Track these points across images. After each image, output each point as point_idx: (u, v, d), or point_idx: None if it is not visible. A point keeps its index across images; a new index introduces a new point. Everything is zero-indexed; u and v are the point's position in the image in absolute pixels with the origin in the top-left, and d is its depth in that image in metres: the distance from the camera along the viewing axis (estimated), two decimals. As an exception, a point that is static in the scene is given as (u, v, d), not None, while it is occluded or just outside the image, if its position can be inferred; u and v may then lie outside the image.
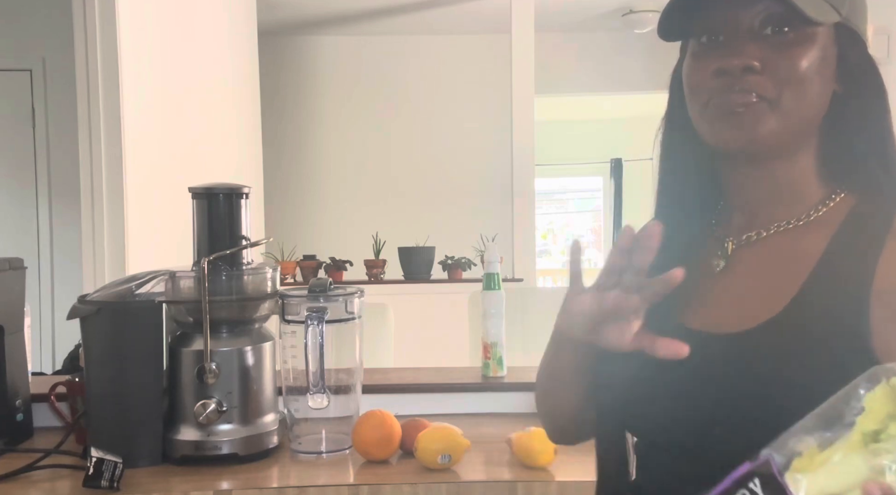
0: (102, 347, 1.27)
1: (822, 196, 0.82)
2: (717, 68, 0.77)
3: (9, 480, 1.20)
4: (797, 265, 0.78)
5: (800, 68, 0.76)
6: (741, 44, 0.77)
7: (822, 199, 0.82)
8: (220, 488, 1.18)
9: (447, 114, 5.66)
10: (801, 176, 0.82)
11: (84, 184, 2.37)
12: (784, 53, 0.76)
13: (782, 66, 0.76)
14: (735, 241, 0.84)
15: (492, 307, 1.61)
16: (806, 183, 0.82)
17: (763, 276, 0.81)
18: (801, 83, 0.77)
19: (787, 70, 0.76)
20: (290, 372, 1.33)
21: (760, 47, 0.76)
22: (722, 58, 0.77)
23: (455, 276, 4.21)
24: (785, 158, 0.80)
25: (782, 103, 0.76)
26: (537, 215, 5.01)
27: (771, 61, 0.76)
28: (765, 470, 0.58)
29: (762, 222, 0.83)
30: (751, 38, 0.77)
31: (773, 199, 0.83)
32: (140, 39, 2.57)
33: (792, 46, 0.76)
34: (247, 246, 1.34)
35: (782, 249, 0.81)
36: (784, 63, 0.76)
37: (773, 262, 0.81)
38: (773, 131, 0.77)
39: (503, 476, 1.20)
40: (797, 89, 0.77)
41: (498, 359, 1.61)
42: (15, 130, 4.02)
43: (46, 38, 3.89)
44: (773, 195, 0.82)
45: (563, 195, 8.96)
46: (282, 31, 5.47)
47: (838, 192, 0.82)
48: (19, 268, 1.46)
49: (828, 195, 0.82)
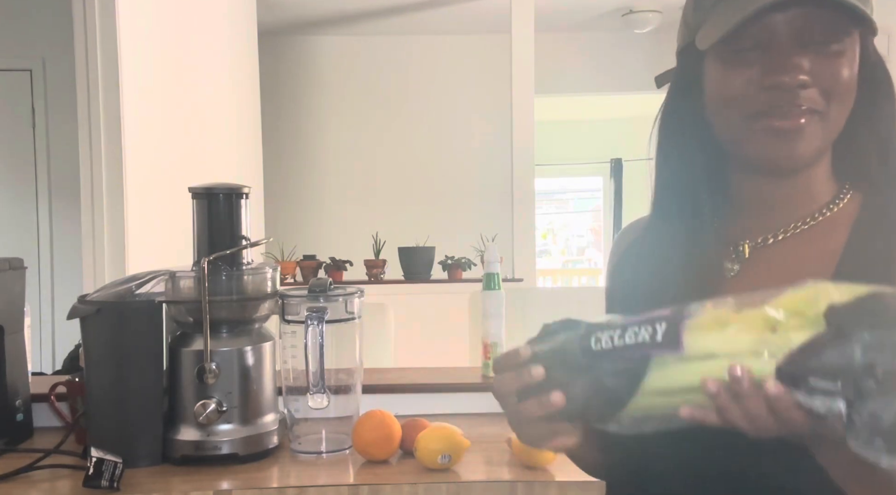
0: (102, 347, 1.27)
1: (832, 195, 0.81)
2: (769, 84, 0.74)
3: (9, 480, 1.20)
4: (819, 264, 0.77)
5: (845, 79, 0.75)
6: (789, 56, 0.74)
7: (832, 198, 0.81)
8: (220, 488, 1.18)
9: (447, 114, 5.66)
10: (818, 177, 0.81)
11: (84, 184, 2.37)
12: (831, 64, 0.74)
13: (831, 77, 0.74)
14: (751, 244, 0.81)
15: (492, 307, 1.61)
16: (820, 183, 0.81)
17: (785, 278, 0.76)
18: (847, 93, 0.76)
19: (836, 82, 0.74)
20: (290, 372, 1.33)
21: (808, 58, 0.73)
22: (771, 72, 0.74)
23: (455, 276, 4.21)
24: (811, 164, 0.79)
25: (830, 115, 0.75)
26: (537, 215, 5.00)
27: (819, 73, 0.74)
28: (674, 319, 0.64)
29: (777, 224, 0.81)
30: (797, 48, 0.74)
31: (789, 202, 0.81)
32: (140, 39, 2.57)
33: (837, 56, 0.74)
34: (247, 246, 1.34)
35: (800, 250, 0.80)
36: (832, 74, 0.74)
37: (794, 263, 0.79)
38: (821, 146, 0.76)
39: (503, 476, 1.20)
40: (844, 100, 0.76)
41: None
42: (15, 130, 4.02)
43: (46, 38, 3.89)
44: (790, 198, 0.81)
45: (563, 195, 8.97)
46: (282, 31, 5.47)
47: (847, 191, 0.81)
48: (19, 268, 1.46)
49: (837, 193, 0.81)
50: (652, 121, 0.89)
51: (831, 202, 0.81)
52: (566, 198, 9.04)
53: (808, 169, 0.79)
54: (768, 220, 0.82)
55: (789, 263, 0.80)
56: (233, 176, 3.58)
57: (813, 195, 0.81)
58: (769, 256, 0.81)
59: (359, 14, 5.26)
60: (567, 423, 0.73)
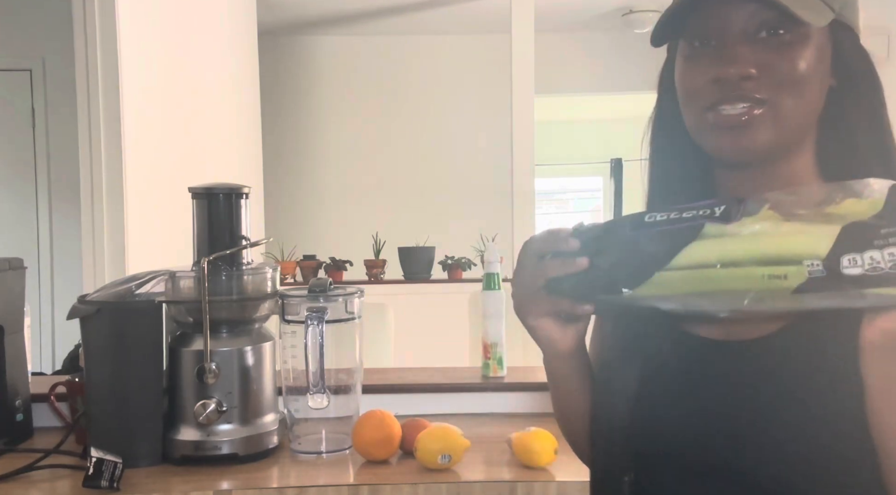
0: (102, 347, 1.27)
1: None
2: (713, 77, 0.75)
3: (9, 480, 1.20)
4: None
5: (798, 70, 0.75)
6: (736, 48, 0.75)
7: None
8: (220, 488, 1.18)
9: (447, 114, 5.66)
10: (801, 173, 0.80)
11: (84, 184, 2.37)
12: (781, 56, 0.74)
13: (779, 69, 0.74)
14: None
15: (492, 307, 1.61)
16: (801, 178, 0.80)
17: None
18: (800, 84, 0.75)
19: (785, 73, 0.74)
20: (290, 372, 1.33)
21: (756, 51, 0.74)
22: (718, 64, 0.75)
23: (455, 276, 4.21)
24: (781, 157, 0.79)
25: (781, 107, 0.75)
26: (537, 215, 5.00)
27: (768, 65, 0.74)
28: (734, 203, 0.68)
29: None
30: (745, 41, 0.75)
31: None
32: (140, 39, 2.57)
33: (788, 48, 0.74)
34: (247, 246, 1.34)
35: None
36: (781, 66, 0.74)
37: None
38: (773, 138, 0.76)
39: (503, 476, 1.20)
40: (796, 91, 0.75)
41: (498, 358, 1.61)
42: (15, 130, 4.02)
43: (46, 38, 3.89)
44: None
45: (563, 195, 8.96)
46: (282, 31, 5.47)
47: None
48: (19, 268, 1.46)
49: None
50: (648, 119, 0.90)
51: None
52: (566, 198, 9.03)
53: (784, 163, 0.79)
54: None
55: None
56: (233, 176, 3.57)
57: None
58: None
59: (359, 14, 5.26)
60: (571, 304, 0.77)
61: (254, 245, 1.35)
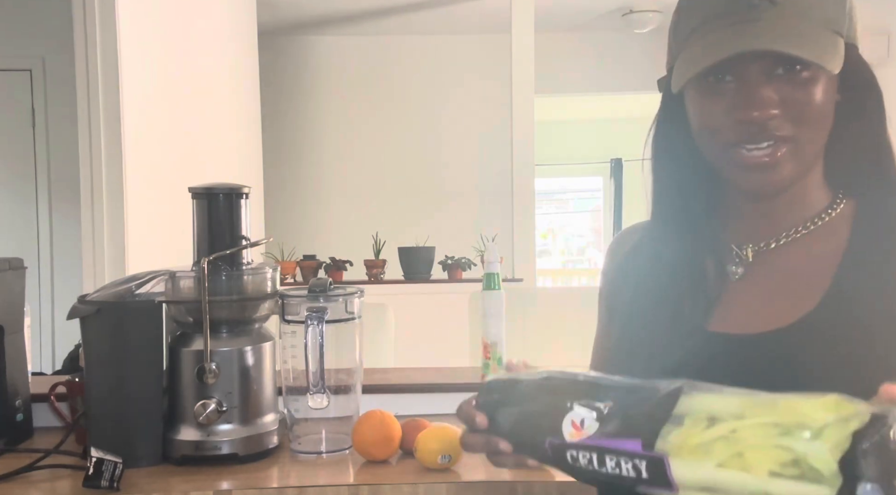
0: (102, 347, 1.27)
1: (828, 201, 0.84)
2: (737, 119, 0.77)
3: (9, 480, 1.20)
4: (821, 264, 0.80)
5: (817, 105, 0.77)
6: (758, 91, 0.76)
7: (829, 205, 0.84)
8: (220, 488, 1.18)
9: (447, 114, 5.66)
10: (812, 185, 0.84)
11: (84, 184, 2.37)
12: (801, 93, 0.76)
13: (801, 106, 0.76)
14: (754, 249, 0.84)
15: (492, 307, 1.61)
16: (816, 190, 0.84)
17: (788, 278, 0.82)
18: (820, 118, 0.78)
19: (806, 109, 0.76)
20: (290, 372, 1.33)
21: (776, 90, 0.76)
22: (740, 106, 0.76)
23: (455, 276, 4.21)
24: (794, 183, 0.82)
25: (803, 141, 0.77)
26: (537, 215, 5.00)
27: (789, 104, 0.76)
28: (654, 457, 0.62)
29: (778, 229, 0.84)
30: (765, 81, 0.76)
31: (786, 210, 0.84)
32: (140, 39, 2.57)
33: (806, 84, 0.76)
34: (247, 246, 1.34)
35: (801, 253, 0.83)
36: (802, 103, 0.76)
37: (796, 265, 0.82)
38: (797, 170, 0.79)
39: (503, 476, 1.20)
40: (817, 124, 0.78)
41: (498, 358, 1.61)
42: (15, 130, 4.02)
43: (46, 38, 3.89)
44: (785, 206, 0.84)
45: (563, 195, 8.96)
46: (282, 31, 5.47)
47: (842, 198, 0.84)
48: (19, 268, 1.46)
49: (833, 200, 0.84)
50: (652, 121, 0.91)
51: (829, 207, 0.84)
52: (566, 198, 9.04)
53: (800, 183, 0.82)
54: (768, 226, 0.85)
55: (791, 264, 0.83)
56: (233, 176, 3.57)
57: (808, 202, 0.84)
58: (772, 260, 0.84)
59: (359, 14, 5.26)
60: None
61: (254, 245, 1.35)
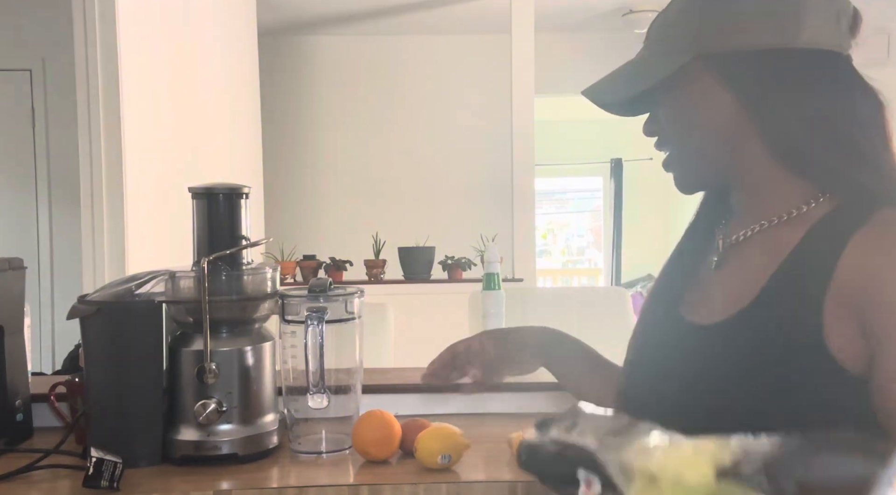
0: (102, 347, 1.27)
1: (803, 196, 0.87)
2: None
3: (9, 480, 1.20)
4: (771, 260, 0.85)
5: (682, 118, 0.94)
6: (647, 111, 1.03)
7: (804, 199, 0.87)
8: (220, 488, 1.18)
9: (447, 114, 5.65)
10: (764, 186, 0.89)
11: (84, 184, 2.37)
12: (664, 111, 0.98)
13: (665, 121, 0.97)
14: (724, 240, 0.93)
15: (492, 307, 1.61)
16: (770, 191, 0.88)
17: (743, 271, 0.88)
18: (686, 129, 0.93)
19: (668, 124, 0.96)
20: (290, 372, 1.33)
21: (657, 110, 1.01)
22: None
23: (455, 276, 4.21)
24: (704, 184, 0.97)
25: (682, 149, 0.95)
26: (537, 215, 5.00)
27: (661, 119, 0.98)
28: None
29: (748, 221, 0.91)
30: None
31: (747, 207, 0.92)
32: (140, 39, 2.57)
33: (669, 103, 0.98)
34: (247, 246, 1.33)
35: (762, 245, 0.88)
36: (665, 119, 0.96)
37: (753, 258, 0.88)
38: (690, 172, 0.94)
39: (503, 476, 1.20)
40: (687, 132, 0.94)
41: (498, 359, 1.60)
42: (15, 130, 4.02)
43: (46, 38, 3.89)
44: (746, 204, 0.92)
45: (563, 195, 8.96)
46: (282, 31, 5.47)
47: (821, 195, 0.87)
48: (19, 268, 1.46)
49: (810, 196, 0.87)
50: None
51: (802, 203, 0.87)
52: (566, 198, 9.03)
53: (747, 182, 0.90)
54: (743, 218, 0.93)
55: (750, 257, 0.89)
56: (233, 176, 3.58)
57: (766, 201, 0.89)
58: (737, 252, 0.92)
59: (359, 14, 5.26)
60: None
61: (254, 245, 1.35)
